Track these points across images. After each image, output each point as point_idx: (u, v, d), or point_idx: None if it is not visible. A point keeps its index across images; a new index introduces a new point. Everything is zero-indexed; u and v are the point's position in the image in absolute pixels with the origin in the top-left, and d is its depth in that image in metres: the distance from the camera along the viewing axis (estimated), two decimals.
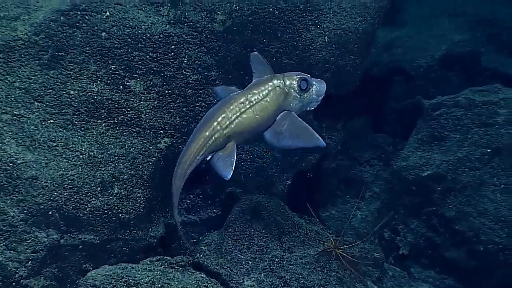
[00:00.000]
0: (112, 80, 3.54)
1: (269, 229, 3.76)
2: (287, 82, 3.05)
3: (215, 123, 2.97)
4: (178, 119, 3.71)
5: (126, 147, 3.58)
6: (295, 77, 3.07)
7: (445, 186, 4.21)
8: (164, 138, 3.68)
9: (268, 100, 3.00)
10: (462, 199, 4.12)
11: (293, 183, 4.21)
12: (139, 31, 3.56)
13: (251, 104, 2.99)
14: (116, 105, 3.56)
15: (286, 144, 3.06)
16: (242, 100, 2.99)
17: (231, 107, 2.98)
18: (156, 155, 3.65)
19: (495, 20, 6.78)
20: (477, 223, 4.00)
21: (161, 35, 3.61)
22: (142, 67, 3.58)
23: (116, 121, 3.57)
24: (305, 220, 4.05)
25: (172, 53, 3.64)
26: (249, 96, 3.00)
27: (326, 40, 3.92)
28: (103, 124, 3.55)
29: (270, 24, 3.82)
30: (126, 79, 3.56)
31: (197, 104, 3.75)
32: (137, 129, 3.62)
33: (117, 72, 3.54)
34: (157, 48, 3.61)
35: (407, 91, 5.69)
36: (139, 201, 3.59)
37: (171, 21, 3.64)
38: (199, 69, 3.71)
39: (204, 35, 3.71)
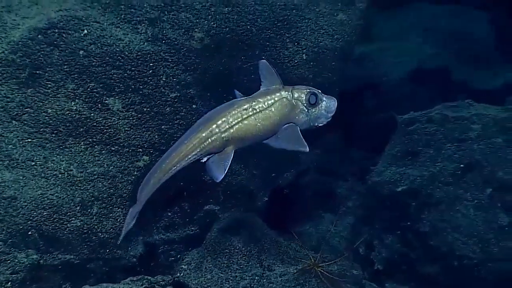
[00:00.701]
0: (90, 98, 3.75)
1: (249, 247, 4.04)
2: (296, 95, 3.17)
3: (214, 126, 3.10)
4: (156, 137, 3.96)
5: (105, 166, 3.82)
6: (305, 90, 3.19)
7: (420, 202, 4.55)
8: (143, 156, 3.93)
9: (273, 110, 3.12)
10: (436, 215, 4.46)
11: (270, 199, 4.53)
12: (117, 49, 3.79)
13: (254, 111, 3.12)
14: (95, 124, 3.78)
15: (271, 142, 3.19)
16: (245, 106, 3.12)
17: (233, 112, 3.11)
18: (135, 173, 3.90)
19: (465, 33, 7.27)
20: (451, 239, 4.35)
21: (139, 53, 3.85)
22: (121, 85, 3.82)
23: (94, 140, 3.80)
24: (283, 237, 4.36)
25: (150, 71, 3.89)
26: (254, 103, 3.13)
27: (304, 58, 4.25)
28: (82, 143, 3.77)
29: (248, 42, 4.09)
30: (104, 97, 3.79)
31: (175, 122, 4.02)
32: (116, 147, 3.86)
33: (95, 90, 3.76)
34: (135, 66, 3.85)
35: (379, 105, 6.08)
36: (118, 220, 3.83)
37: (149, 39, 3.90)
38: (178, 86, 3.97)
39: (182, 52, 3.98)
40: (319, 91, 3.21)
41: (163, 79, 3.92)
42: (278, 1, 4.12)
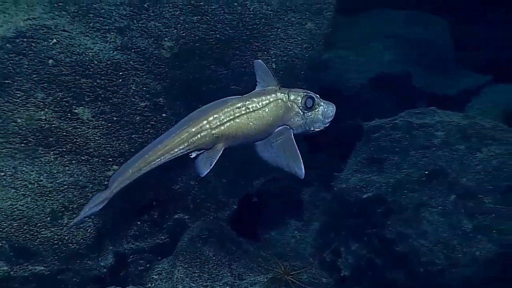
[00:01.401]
0: (60, 108, 3.95)
1: (219, 255, 4.30)
2: (292, 97, 3.27)
3: (205, 121, 3.20)
4: (127, 146, 4.20)
5: (75, 176, 4.05)
6: (302, 93, 3.28)
7: (385, 208, 4.83)
8: (113, 166, 4.17)
9: (267, 110, 3.23)
10: (402, 221, 4.73)
11: (239, 207, 4.84)
12: (87, 58, 4.01)
13: (247, 110, 3.22)
14: (64, 133, 4.00)
15: (268, 157, 3.29)
16: (239, 105, 3.22)
17: (226, 110, 3.21)
18: (105, 183, 4.09)
19: (424, 40, 7.74)
20: (417, 245, 4.64)
21: (108, 62, 4.08)
22: (90, 94, 4.04)
23: (64, 149, 4.02)
24: (253, 245, 4.67)
25: (120, 80, 4.14)
26: (248, 102, 3.23)
27: (274, 67, 4.56)
28: (52, 153, 4.00)
29: (218, 51, 4.34)
30: (74, 106, 4.00)
31: (145, 131, 4.27)
32: (86, 157, 4.09)
33: (64, 100, 3.97)
34: (105, 75, 4.06)
35: (341, 112, 6.44)
36: (89, 230, 4.07)
37: (118, 48, 4.13)
38: (147, 95, 4.22)
39: (152, 61, 4.23)
40: (318, 95, 3.31)
41: (133, 88, 4.17)
42: (247, 10, 4.40)
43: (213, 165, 3.24)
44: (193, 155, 3.30)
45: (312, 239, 5.27)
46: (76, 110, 3.98)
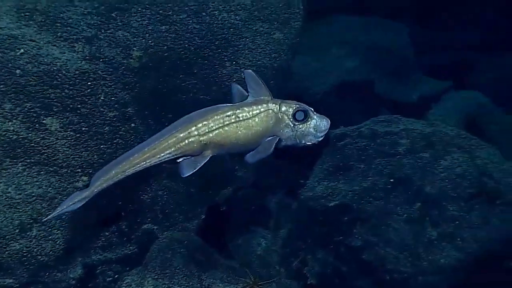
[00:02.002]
0: (28, 118, 4.06)
1: (189, 266, 4.44)
2: (283, 108, 3.35)
3: (193, 128, 3.31)
4: (95, 157, 4.35)
5: (43, 187, 4.18)
6: (294, 105, 3.36)
7: (352, 216, 5.03)
8: (82, 177, 4.31)
9: (256, 120, 3.32)
10: (368, 229, 4.94)
11: (207, 217, 5.04)
12: (55, 68, 4.13)
13: (237, 119, 3.31)
14: (33, 144, 4.12)
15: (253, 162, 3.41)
16: (229, 113, 3.32)
17: (215, 117, 3.33)
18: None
19: (384, 46, 8.06)
20: (383, 253, 4.86)
21: (76, 72, 4.22)
22: (58, 104, 4.16)
23: (32, 161, 4.15)
24: (222, 254, 4.87)
25: (89, 90, 4.27)
26: (238, 111, 3.32)
27: (243, 76, 4.80)
28: (20, 164, 4.12)
29: (187, 60, 4.51)
30: (42, 117, 4.12)
31: (114, 141, 4.42)
32: (54, 168, 4.23)
33: (32, 110, 4.09)
34: (73, 85, 4.19)
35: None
36: (58, 242, 4.21)
37: (87, 57, 4.27)
38: (116, 105, 4.38)
39: (120, 71, 4.37)
40: (312, 109, 3.39)
41: (102, 98, 4.32)
42: (216, 20, 4.59)
43: (196, 169, 3.36)
44: (180, 160, 3.41)
45: (279, 247, 5.47)
46: (44, 121, 4.10)
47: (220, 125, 3.32)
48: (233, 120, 3.32)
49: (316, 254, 5.24)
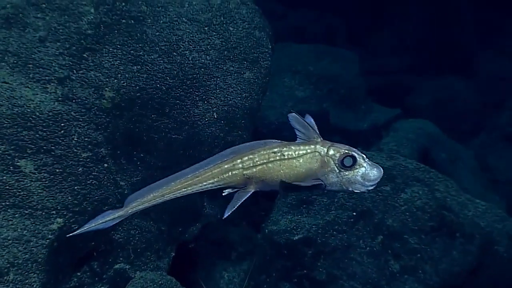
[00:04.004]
0: (2, 161, 4.15)
1: None
2: (331, 152, 3.25)
3: (239, 160, 3.30)
4: (70, 198, 4.50)
5: (19, 230, 4.29)
6: (343, 150, 3.26)
7: (316, 250, 5.33)
8: (57, 219, 4.45)
9: (301, 161, 3.26)
10: (332, 262, 5.27)
11: (177, 254, 5.25)
12: (28, 110, 4.27)
13: (282, 157, 3.26)
14: (7, 187, 4.23)
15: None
16: (275, 150, 3.27)
17: (262, 152, 3.29)
18: (49, 236, 4.39)
19: (334, 74, 8.48)
20: (347, 286, 5.14)
21: (50, 113, 4.37)
22: (32, 146, 4.30)
23: (7, 203, 4.26)
24: None
25: (62, 131, 4.43)
26: (284, 149, 3.27)
27: (215, 116, 5.02)
28: None
29: (158, 100, 4.73)
30: (16, 159, 4.25)
31: (88, 182, 4.59)
32: (29, 210, 4.35)
33: (7, 153, 4.19)
34: (47, 127, 4.34)
35: None
36: (34, 286, 4.30)
37: (59, 99, 4.43)
38: (89, 146, 4.55)
39: (93, 111, 4.55)
40: (364, 155, 3.29)
41: (75, 139, 4.49)
42: (186, 60, 4.84)
43: (234, 209, 3.33)
44: (225, 192, 3.42)
45: (240, 279, 5.71)
46: (18, 163, 4.23)
47: (265, 160, 3.28)
48: (277, 158, 3.27)
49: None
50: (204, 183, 3.34)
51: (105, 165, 4.55)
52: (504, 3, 13.19)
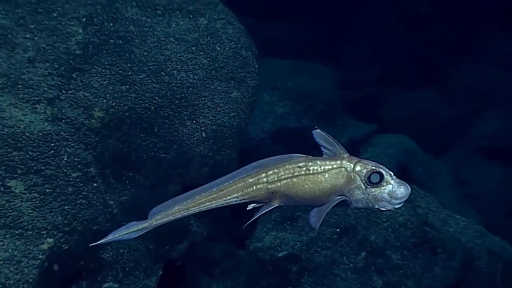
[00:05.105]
0: None
1: None
2: (357, 168, 3.16)
3: (263, 174, 3.21)
4: (60, 218, 4.59)
5: (9, 250, 4.36)
6: (370, 166, 3.17)
7: (300, 266, 5.49)
8: (47, 239, 4.54)
9: (326, 176, 3.17)
10: (316, 279, 5.44)
11: (164, 273, 5.36)
12: (18, 130, 4.37)
13: (307, 172, 3.18)
14: None
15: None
16: (301, 164, 3.19)
17: (287, 166, 3.21)
18: (40, 256, 4.48)
19: (311, 91, 8.67)
20: None
21: (40, 134, 4.47)
22: (23, 166, 4.39)
23: None
24: None
25: (52, 151, 4.53)
26: (310, 164, 3.19)
27: (204, 135, 5.16)
28: None
29: (147, 119, 4.84)
30: (6, 179, 4.33)
31: (78, 201, 4.67)
32: (19, 230, 4.42)
33: None
34: (37, 147, 4.43)
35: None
36: None
37: (49, 119, 4.53)
38: (79, 166, 4.67)
39: (82, 131, 4.65)
40: (391, 173, 3.19)
41: (65, 159, 4.59)
42: (174, 80, 4.98)
43: (253, 218, 3.30)
44: (250, 207, 3.35)
45: None
46: (9, 183, 4.31)
47: (290, 175, 3.21)
48: (302, 172, 3.18)
49: None
50: (229, 197, 3.27)
51: (95, 184, 4.64)
52: (476, 16, 13.51)
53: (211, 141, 5.09)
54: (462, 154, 10.67)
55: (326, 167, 3.18)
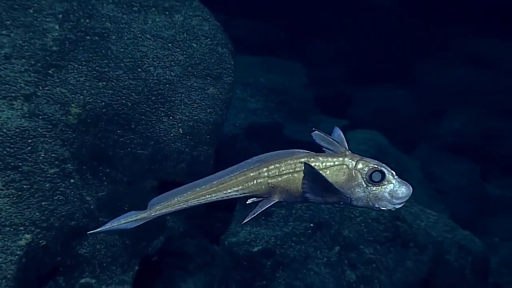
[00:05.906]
0: None
1: None
2: (359, 166, 3.10)
3: (265, 169, 3.18)
4: (37, 214, 4.62)
5: None
6: (372, 164, 3.10)
7: (275, 261, 5.57)
8: (25, 235, 4.57)
9: (327, 173, 3.12)
10: (290, 273, 5.52)
11: (141, 268, 5.41)
12: None
13: None
14: None
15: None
16: (302, 160, 3.15)
17: (288, 162, 3.19)
18: (18, 252, 4.50)
19: (283, 89, 8.78)
20: None
21: (17, 130, 4.48)
22: (0, 163, 4.48)
23: None
24: None
25: (29, 147, 4.56)
26: (312, 160, 3.14)
27: (181, 132, 5.21)
28: None
29: (124, 116, 4.88)
30: None
31: (55, 197, 4.71)
32: None
33: None
34: (14, 143, 4.45)
35: (215, 162, 7.20)
36: None
37: (26, 115, 4.56)
38: (56, 162, 4.70)
39: (59, 128, 4.67)
40: (393, 172, 3.12)
41: (42, 155, 4.62)
42: (151, 76, 5.03)
43: (255, 215, 3.24)
44: (249, 201, 3.31)
45: None
46: None
47: (291, 170, 3.17)
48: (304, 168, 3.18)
49: None
50: (229, 190, 3.24)
51: (72, 180, 4.68)
52: (443, 14, 13.72)
53: (188, 137, 5.15)
54: (430, 150, 10.85)
55: (328, 164, 3.14)
